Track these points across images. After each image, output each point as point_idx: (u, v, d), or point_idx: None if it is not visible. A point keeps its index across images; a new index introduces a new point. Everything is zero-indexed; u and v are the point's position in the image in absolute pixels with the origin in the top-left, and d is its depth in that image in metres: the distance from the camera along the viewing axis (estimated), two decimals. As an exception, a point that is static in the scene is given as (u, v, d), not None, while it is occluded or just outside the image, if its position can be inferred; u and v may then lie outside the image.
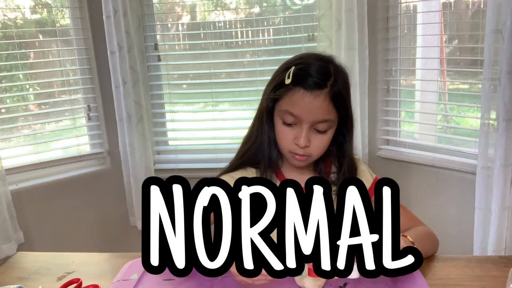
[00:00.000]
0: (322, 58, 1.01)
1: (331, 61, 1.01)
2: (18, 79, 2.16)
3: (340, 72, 1.00)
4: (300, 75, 0.97)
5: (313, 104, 0.96)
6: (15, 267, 1.10)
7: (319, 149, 1.02)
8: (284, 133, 1.01)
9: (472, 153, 1.91)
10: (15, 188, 2.07)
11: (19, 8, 2.15)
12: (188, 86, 2.45)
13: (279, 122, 1.01)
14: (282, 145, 1.03)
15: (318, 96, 0.96)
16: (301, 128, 0.98)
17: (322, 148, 1.02)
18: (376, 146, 2.21)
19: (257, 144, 1.07)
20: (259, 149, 1.07)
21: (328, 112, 0.98)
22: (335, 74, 0.98)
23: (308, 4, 2.14)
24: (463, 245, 1.89)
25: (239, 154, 1.11)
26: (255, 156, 1.07)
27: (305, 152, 1.00)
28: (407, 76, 2.22)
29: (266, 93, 1.04)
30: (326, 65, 0.99)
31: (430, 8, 2.07)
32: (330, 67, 0.99)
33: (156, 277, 0.96)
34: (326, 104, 0.97)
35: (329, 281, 0.89)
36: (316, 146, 1.01)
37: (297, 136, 0.99)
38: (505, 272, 0.86)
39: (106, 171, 2.33)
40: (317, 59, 1.00)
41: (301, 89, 0.96)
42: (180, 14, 2.35)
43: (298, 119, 0.98)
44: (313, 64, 0.99)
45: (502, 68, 1.59)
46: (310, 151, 1.01)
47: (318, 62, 0.99)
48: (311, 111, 0.97)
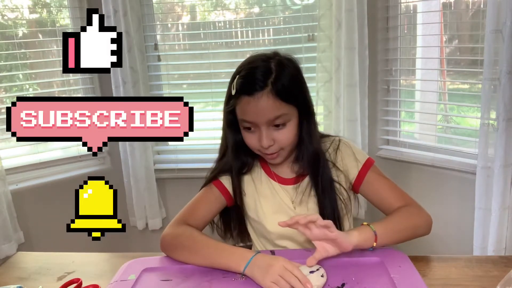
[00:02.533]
0: (263, 58, 1.04)
1: (273, 57, 1.04)
2: (18, 79, 2.16)
3: (283, 65, 1.03)
4: (242, 83, 1.01)
5: (259, 107, 1.00)
6: (15, 267, 1.10)
7: (286, 142, 1.05)
8: (248, 138, 1.06)
9: (472, 153, 1.90)
10: (15, 188, 2.07)
11: (18, 8, 2.15)
12: (188, 86, 2.45)
13: (242, 129, 1.06)
14: (251, 148, 1.08)
15: (261, 98, 0.99)
16: (260, 130, 1.02)
17: (289, 140, 1.05)
18: (376, 146, 2.21)
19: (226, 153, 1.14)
20: (227, 157, 1.14)
21: (277, 109, 1.01)
22: (276, 70, 1.01)
23: (308, 4, 2.14)
24: (463, 245, 1.89)
25: (214, 166, 1.19)
26: (225, 164, 1.14)
27: (273, 149, 1.05)
28: (407, 76, 2.22)
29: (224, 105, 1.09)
30: (266, 64, 1.02)
31: (430, 8, 2.07)
32: (271, 64, 1.02)
33: (153, 277, 0.96)
34: (271, 102, 1.00)
35: (328, 281, 0.89)
36: (282, 140, 1.04)
37: (259, 138, 1.03)
38: (505, 272, 0.86)
39: (106, 171, 2.33)
40: (259, 60, 1.04)
41: (245, 96, 1.00)
42: (180, 14, 2.35)
43: (253, 123, 1.02)
44: (254, 68, 1.02)
45: (502, 68, 1.58)
46: (278, 147, 1.05)
47: (259, 63, 1.03)
48: (260, 114, 1.00)
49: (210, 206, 1.14)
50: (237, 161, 1.13)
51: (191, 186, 2.26)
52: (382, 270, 0.93)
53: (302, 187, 1.12)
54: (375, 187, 1.12)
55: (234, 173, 1.13)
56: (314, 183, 1.10)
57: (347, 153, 1.14)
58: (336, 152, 1.14)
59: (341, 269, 0.94)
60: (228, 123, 1.09)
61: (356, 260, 0.97)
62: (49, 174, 2.21)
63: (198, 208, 1.13)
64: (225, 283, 0.92)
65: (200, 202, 1.15)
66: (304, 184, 1.12)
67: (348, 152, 1.14)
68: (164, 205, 2.35)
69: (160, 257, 1.06)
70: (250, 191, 1.15)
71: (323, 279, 0.87)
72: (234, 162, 1.12)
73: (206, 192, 1.16)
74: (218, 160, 1.17)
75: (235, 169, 1.13)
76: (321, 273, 0.88)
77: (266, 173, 1.15)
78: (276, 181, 1.14)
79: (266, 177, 1.15)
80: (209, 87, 2.30)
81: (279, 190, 1.13)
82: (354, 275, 0.91)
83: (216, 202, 1.15)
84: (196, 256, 1.00)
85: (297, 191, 1.12)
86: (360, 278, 0.90)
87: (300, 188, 1.12)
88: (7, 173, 2.00)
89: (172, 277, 0.96)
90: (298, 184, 1.13)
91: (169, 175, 2.33)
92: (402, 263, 0.94)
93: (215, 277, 0.94)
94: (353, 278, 0.90)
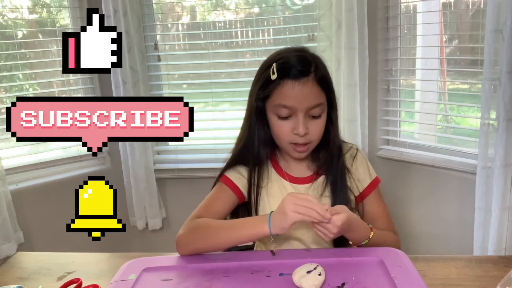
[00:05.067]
0: (297, 49, 1.06)
1: (306, 50, 1.07)
2: (18, 79, 2.16)
3: (317, 58, 1.06)
4: (284, 68, 1.01)
5: (303, 91, 1.00)
6: (15, 267, 1.10)
7: (318, 134, 1.06)
8: (281, 127, 1.04)
9: (472, 153, 1.90)
10: (15, 188, 2.07)
11: (17, 8, 2.15)
12: (188, 86, 2.45)
13: (274, 118, 1.05)
14: (281, 139, 1.06)
15: (306, 83, 1.00)
16: (297, 117, 1.02)
17: (320, 132, 1.06)
18: (376, 146, 2.21)
19: (248, 143, 1.11)
20: (248, 148, 1.11)
21: (318, 96, 1.02)
22: (314, 61, 1.03)
23: (308, 4, 2.14)
24: (463, 245, 1.89)
25: (232, 155, 1.15)
26: (245, 155, 1.12)
27: (305, 139, 1.04)
28: (407, 76, 2.22)
29: (253, 94, 1.08)
30: (303, 54, 1.05)
31: (430, 8, 2.07)
32: (307, 56, 1.04)
33: (153, 277, 0.96)
34: (315, 89, 1.01)
35: (328, 281, 0.89)
36: (315, 132, 1.04)
37: (295, 126, 1.02)
38: (505, 272, 0.86)
39: (106, 171, 2.33)
40: (293, 51, 1.06)
41: (289, 80, 1.01)
42: (180, 14, 2.35)
43: (293, 109, 1.02)
44: (291, 56, 1.04)
45: (502, 68, 1.58)
46: (310, 138, 1.04)
47: (295, 53, 1.05)
48: (303, 99, 1.00)
49: (223, 205, 1.13)
50: (263, 151, 1.11)
51: (191, 186, 2.29)
52: (382, 270, 0.93)
53: (315, 186, 1.11)
54: (374, 207, 1.14)
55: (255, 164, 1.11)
56: (332, 182, 1.10)
57: (362, 164, 1.14)
58: (352, 159, 1.14)
59: (341, 269, 0.94)
60: (257, 112, 1.07)
61: (356, 260, 0.97)
62: (49, 174, 2.21)
63: (212, 206, 1.12)
64: (225, 283, 0.92)
65: (214, 199, 1.13)
66: (317, 184, 1.12)
67: (364, 164, 1.15)
68: (164, 205, 2.35)
69: (160, 257, 1.06)
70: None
71: (321, 278, 0.87)
72: (261, 151, 1.10)
73: (218, 191, 1.14)
74: (237, 150, 1.14)
75: (258, 160, 1.11)
76: (318, 272, 0.88)
77: (277, 172, 1.14)
78: (288, 180, 1.13)
79: (276, 176, 1.14)
80: (209, 87, 2.30)
81: (290, 189, 1.12)
82: (354, 275, 0.91)
83: (229, 201, 1.13)
84: (218, 239, 1.00)
85: (310, 190, 1.11)
86: (360, 278, 0.90)
87: (313, 187, 1.11)
88: (7, 173, 2.00)
89: (172, 277, 0.96)
90: (311, 183, 1.12)
91: (169, 175, 2.33)
92: (402, 263, 0.94)
93: (215, 277, 0.94)
94: (353, 278, 0.90)
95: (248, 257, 1.02)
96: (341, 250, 1.05)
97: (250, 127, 1.10)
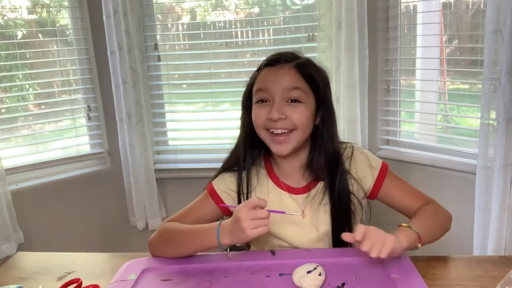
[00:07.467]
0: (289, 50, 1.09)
1: (298, 51, 1.09)
2: (18, 79, 2.16)
3: (307, 58, 1.07)
4: (266, 60, 1.06)
5: (278, 73, 1.02)
6: (15, 267, 1.10)
7: (298, 120, 1.01)
8: (257, 112, 1.04)
9: (472, 153, 1.90)
10: (15, 188, 2.07)
11: (16, 8, 2.15)
12: (188, 86, 2.45)
13: (254, 106, 1.06)
14: (257, 124, 1.05)
15: (282, 67, 1.02)
16: (273, 101, 1.02)
17: (301, 120, 1.02)
18: (376, 146, 2.21)
19: (238, 145, 1.13)
20: (238, 150, 1.12)
21: (295, 80, 1.01)
22: (301, 56, 1.06)
23: (308, 4, 2.14)
24: (463, 245, 1.89)
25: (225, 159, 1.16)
26: (235, 158, 1.13)
27: (282, 125, 1.01)
28: (407, 76, 2.22)
29: (244, 94, 1.10)
30: (291, 51, 1.07)
31: (430, 8, 2.07)
32: (296, 52, 1.07)
33: (153, 277, 0.96)
34: (292, 73, 1.02)
35: (328, 281, 0.89)
36: (294, 118, 1.01)
37: (270, 110, 1.01)
38: (505, 272, 0.86)
39: (106, 171, 2.33)
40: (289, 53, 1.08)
41: (267, 67, 1.04)
42: (180, 14, 2.35)
43: (268, 92, 1.02)
44: (281, 52, 1.07)
45: (502, 68, 1.58)
46: (287, 124, 1.01)
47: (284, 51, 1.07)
48: (278, 81, 1.01)
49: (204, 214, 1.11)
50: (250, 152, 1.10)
51: (191, 186, 2.28)
52: (382, 270, 0.93)
53: (312, 195, 1.08)
54: (394, 192, 1.11)
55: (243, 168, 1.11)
56: (330, 188, 1.06)
57: (362, 162, 1.11)
58: (350, 160, 1.10)
59: (341, 269, 0.94)
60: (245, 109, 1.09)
61: (356, 260, 0.97)
62: (49, 174, 2.21)
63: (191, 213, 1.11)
64: (225, 283, 0.92)
65: (195, 208, 1.13)
66: (315, 192, 1.08)
67: (363, 161, 1.11)
68: (164, 205, 2.35)
69: (160, 257, 1.06)
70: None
71: (321, 278, 0.87)
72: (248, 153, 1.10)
73: (202, 200, 1.14)
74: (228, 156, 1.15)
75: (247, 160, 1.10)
76: (318, 272, 0.88)
77: (273, 182, 1.11)
78: (285, 190, 1.10)
79: (273, 186, 1.11)
80: (209, 87, 2.30)
81: (288, 199, 1.09)
82: (354, 275, 0.91)
83: (211, 213, 1.12)
84: (181, 246, 1.01)
85: (307, 200, 1.08)
86: (360, 278, 0.90)
87: (311, 196, 1.08)
88: (7, 173, 2.00)
89: (172, 277, 0.96)
90: (308, 193, 1.09)
91: (169, 175, 2.33)
92: (402, 263, 0.94)
93: (215, 277, 0.94)
94: (353, 278, 0.90)
95: (248, 257, 1.02)
96: (341, 250, 1.05)
97: (240, 129, 1.12)
